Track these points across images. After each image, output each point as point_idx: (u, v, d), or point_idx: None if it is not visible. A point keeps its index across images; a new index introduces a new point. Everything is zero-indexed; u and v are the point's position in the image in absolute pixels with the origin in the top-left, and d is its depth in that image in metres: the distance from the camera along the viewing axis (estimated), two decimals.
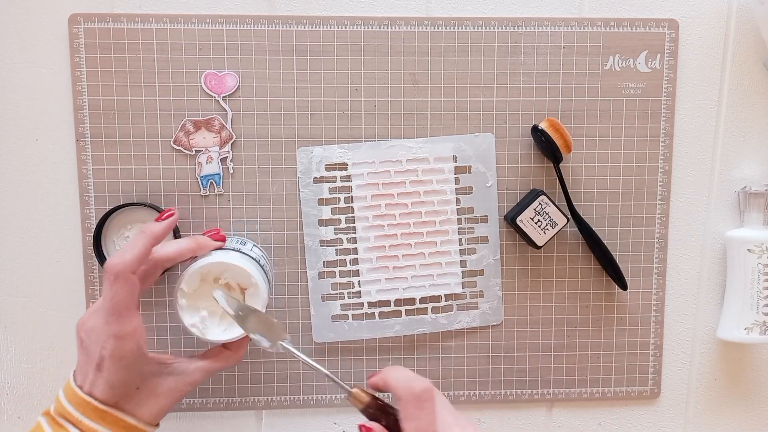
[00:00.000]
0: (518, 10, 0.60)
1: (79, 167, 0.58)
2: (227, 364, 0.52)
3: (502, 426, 0.63)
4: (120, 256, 0.45)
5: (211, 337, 0.50)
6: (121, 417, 0.46)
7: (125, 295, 0.45)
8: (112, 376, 0.45)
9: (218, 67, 0.58)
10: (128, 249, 0.45)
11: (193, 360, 0.51)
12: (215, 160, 0.59)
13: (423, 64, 0.59)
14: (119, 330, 0.45)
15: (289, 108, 0.59)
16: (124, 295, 0.45)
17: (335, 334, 0.61)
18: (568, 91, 0.60)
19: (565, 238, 0.61)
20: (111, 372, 0.45)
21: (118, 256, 0.45)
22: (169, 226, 0.49)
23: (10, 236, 0.59)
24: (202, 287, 0.51)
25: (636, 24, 0.60)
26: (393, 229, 0.60)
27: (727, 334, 0.61)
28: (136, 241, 0.46)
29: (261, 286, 0.50)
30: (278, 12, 0.58)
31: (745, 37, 0.61)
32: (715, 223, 0.63)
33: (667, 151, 0.61)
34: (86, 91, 0.57)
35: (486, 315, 0.61)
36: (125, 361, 0.45)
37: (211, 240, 0.52)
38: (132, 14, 0.57)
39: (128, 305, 0.45)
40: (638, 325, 0.63)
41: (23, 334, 0.60)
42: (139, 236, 0.47)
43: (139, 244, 0.46)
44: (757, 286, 0.60)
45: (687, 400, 0.65)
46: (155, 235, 0.47)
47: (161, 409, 0.48)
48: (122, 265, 0.44)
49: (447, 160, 0.60)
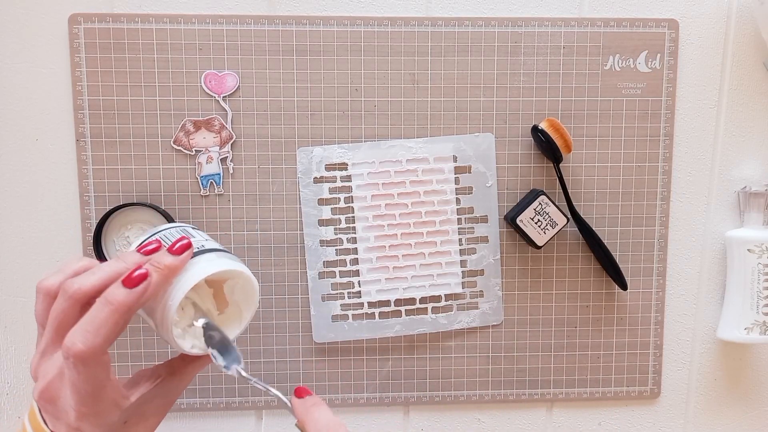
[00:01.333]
0: (518, 10, 0.60)
1: (79, 167, 0.58)
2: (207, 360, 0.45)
3: (502, 426, 0.63)
4: (84, 339, 0.36)
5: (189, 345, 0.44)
6: None
7: (99, 375, 0.37)
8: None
9: (218, 67, 0.58)
10: (96, 327, 0.37)
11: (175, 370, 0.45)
12: (215, 160, 0.59)
13: (423, 64, 0.59)
14: (96, 409, 0.38)
15: (289, 108, 0.59)
16: (97, 377, 0.37)
17: (335, 334, 0.61)
18: (568, 91, 0.60)
19: (565, 238, 0.61)
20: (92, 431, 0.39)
21: (82, 338, 0.36)
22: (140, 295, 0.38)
23: (10, 236, 0.59)
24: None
25: (636, 24, 0.60)
26: (393, 229, 0.60)
27: (727, 334, 0.61)
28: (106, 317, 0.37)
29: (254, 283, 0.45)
30: (278, 12, 0.58)
31: (745, 37, 0.61)
32: (715, 223, 0.63)
33: (667, 151, 0.61)
34: (86, 91, 0.57)
35: (486, 315, 0.61)
36: (107, 422, 0.39)
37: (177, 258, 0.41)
38: (132, 14, 0.57)
39: (104, 384, 0.38)
40: (638, 325, 0.63)
41: (23, 334, 0.60)
42: (108, 312, 0.37)
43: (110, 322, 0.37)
44: (757, 286, 0.60)
45: (687, 400, 0.65)
46: (129, 308, 0.38)
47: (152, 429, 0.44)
48: (91, 349, 0.36)
49: (447, 160, 0.60)
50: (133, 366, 0.60)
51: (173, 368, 0.45)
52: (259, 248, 0.59)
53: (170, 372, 0.45)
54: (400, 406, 0.62)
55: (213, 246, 0.46)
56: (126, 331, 0.59)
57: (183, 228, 0.47)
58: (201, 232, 0.48)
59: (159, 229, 0.46)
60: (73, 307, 0.38)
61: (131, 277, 0.38)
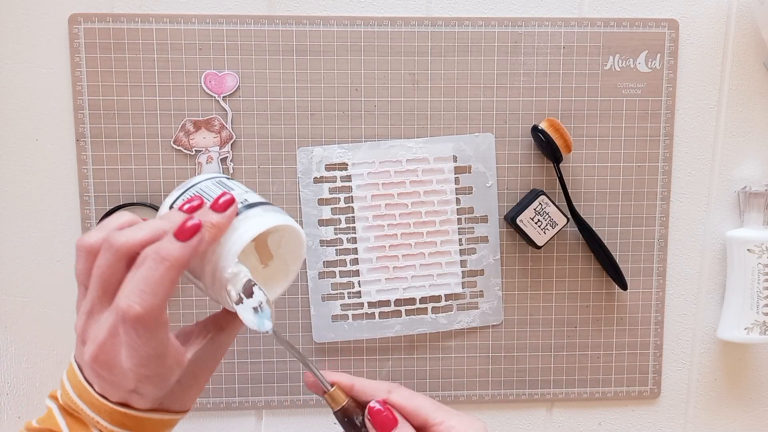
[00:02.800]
0: (518, 10, 0.60)
1: (79, 167, 0.58)
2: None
3: (502, 426, 0.63)
4: (143, 301, 0.33)
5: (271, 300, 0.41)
6: (165, 418, 0.39)
7: (161, 338, 0.35)
8: (153, 394, 0.37)
9: (218, 67, 0.58)
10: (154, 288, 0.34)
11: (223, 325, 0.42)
12: (215, 160, 0.59)
13: (423, 64, 0.59)
14: (161, 371, 0.36)
15: (289, 108, 0.59)
16: (159, 340, 0.35)
17: (335, 334, 0.61)
18: (568, 91, 0.60)
19: (565, 238, 0.61)
20: (150, 392, 0.37)
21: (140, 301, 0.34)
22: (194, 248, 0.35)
23: (10, 236, 0.59)
24: None
25: (636, 24, 0.60)
26: (393, 229, 0.60)
27: (727, 334, 0.61)
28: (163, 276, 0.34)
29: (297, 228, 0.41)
30: (278, 12, 0.58)
31: (745, 37, 0.61)
32: (715, 223, 0.63)
33: (667, 151, 0.61)
34: (86, 91, 0.57)
35: (486, 315, 0.61)
36: (169, 382, 0.38)
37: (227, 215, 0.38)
38: (132, 14, 0.57)
39: (166, 344, 0.36)
40: (638, 325, 0.63)
41: (23, 334, 0.60)
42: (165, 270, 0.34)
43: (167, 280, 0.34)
44: (757, 286, 0.60)
45: (687, 400, 0.65)
46: (183, 263, 0.35)
47: (199, 392, 0.42)
48: (152, 312, 0.34)
49: (447, 160, 0.60)
50: None
51: (221, 323, 0.42)
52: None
53: (219, 328, 0.42)
54: None
55: (256, 199, 0.41)
56: None
57: (220, 180, 0.42)
58: (237, 182, 0.43)
59: (194, 182, 0.42)
60: (119, 261, 0.35)
61: (184, 228, 0.35)
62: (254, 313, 0.39)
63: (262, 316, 0.39)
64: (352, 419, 0.41)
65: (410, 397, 0.41)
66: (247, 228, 0.38)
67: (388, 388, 0.42)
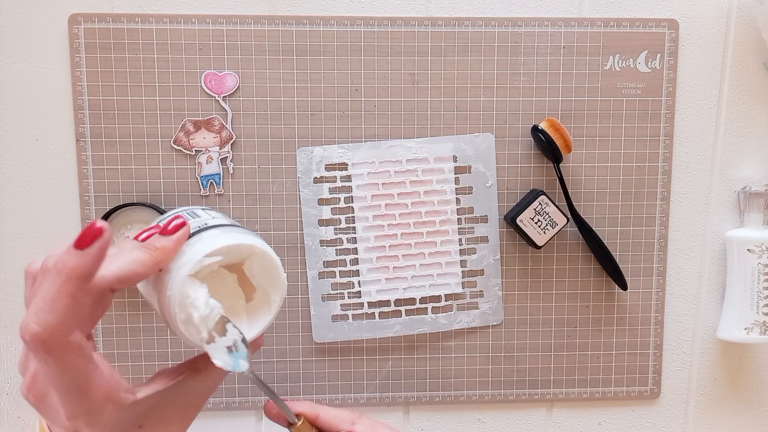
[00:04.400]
0: (518, 10, 0.60)
1: (79, 167, 0.58)
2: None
3: (502, 426, 0.63)
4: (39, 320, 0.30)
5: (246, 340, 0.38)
6: None
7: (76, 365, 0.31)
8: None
9: (218, 67, 0.58)
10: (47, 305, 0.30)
11: (199, 368, 0.38)
12: (215, 160, 0.59)
13: (423, 64, 0.59)
14: (89, 406, 0.32)
15: (289, 108, 0.59)
16: (74, 367, 0.31)
17: (335, 334, 0.61)
18: (568, 91, 0.60)
19: (565, 238, 0.61)
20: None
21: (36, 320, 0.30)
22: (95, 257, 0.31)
23: (10, 236, 0.59)
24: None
25: (636, 24, 0.60)
26: (393, 229, 0.60)
27: (727, 334, 0.61)
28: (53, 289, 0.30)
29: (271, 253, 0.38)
30: (278, 12, 0.58)
31: (745, 37, 0.61)
32: (715, 223, 0.63)
33: (667, 151, 0.61)
34: (86, 91, 0.57)
35: (486, 315, 0.61)
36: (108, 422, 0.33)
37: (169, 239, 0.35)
38: (132, 14, 0.57)
39: (87, 373, 0.32)
40: (638, 325, 0.63)
41: None
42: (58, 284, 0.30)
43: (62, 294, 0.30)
44: (757, 286, 0.60)
45: (687, 400, 0.65)
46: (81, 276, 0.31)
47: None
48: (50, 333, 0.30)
49: (447, 160, 0.60)
50: (133, 366, 0.60)
51: (197, 366, 0.38)
52: None
53: (194, 369, 0.38)
54: (400, 406, 0.62)
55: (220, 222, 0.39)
56: (126, 330, 0.59)
57: (191, 210, 0.40)
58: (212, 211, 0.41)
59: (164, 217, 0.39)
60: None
61: (82, 236, 0.31)
62: (228, 353, 0.36)
63: (237, 356, 0.36)
64: None
65: (372, 428, 0.41)
66: (194, 251, 0.35)
67: (352, 419, 0.42)
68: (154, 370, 0.60)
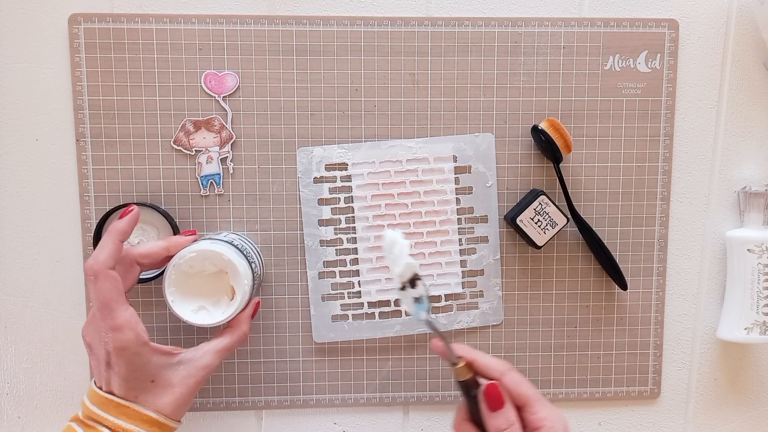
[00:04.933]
0: (518, 10, 0.60)
1: (79, 167, 0.58)
2: (234, 341, 0.53)
3: None
4: (94, 257, 0.48)
5: (210, 321, 0.51)
6: (141, 411, 0.47)
7: (109, 289, 0.47)
8: (122, 370, 0.47)
9: (218, 67, 0.58)
10: (100, 249, 0.48)
11: (200, 346, 0.52)
12: (215, 160, 0.59)
13: (423, 64, 0.59)
14: (113, 323, 0.47)
15: (289, 108, 0.59)
16: (108, 289, 0.47)
17: (335, 334, 0.61)
18: (568, 91, 0.60)
19: (565, 238, 0.61)
20: (119, 365, 0.47)
21: (93, 258, 0.48)
22: (130, 221, 0.51)
23: (10, 236, 0.59)
24: (190, 281, 0.52)
25: (636, 24, 0.60)
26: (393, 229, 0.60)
27: (727, 334, 0.61)
28: (105, 240, 0.49)
29: (234, 262, 0.51)
30: (278, 12, 0.58)
31: (745, 37, 0.61)
32: (715, 223, 0.63)
33: (667, 151, 0.61)
34: (86, 91, 0.57)
35: (486, 315, 0.61)
36: (128, 352, 0.47)
37: (183, 237, 0.54)
38: (132, 14, 0.57)
39: (115, 298, 0.47)
40: (638, 325, 0.63)
41: (23, 334, 0.60)
42: (106, 236, 0.49)
43: (108, 242, 0.49)
44: (757, 286, 0.60)
45: (687, 400, 0.65)
46: (120, 232, 0.49)
47: (179, 401, 0.49)
48: (98, 264, 0.47)
49: (447, 160, 0.60)
50: None
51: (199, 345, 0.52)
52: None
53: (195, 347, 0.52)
54: (399, 406, 0.62)
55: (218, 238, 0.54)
56: None
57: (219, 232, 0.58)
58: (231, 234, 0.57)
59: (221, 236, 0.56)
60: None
61: (123, 212, 0.51)
62: (413, 302, 0.48)
63: (420, 307, 0.48)
64: (469, 391, 0.48)
65: (518, 384, 0.48)
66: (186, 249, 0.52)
67: (502, 371, 0.48)
68: None
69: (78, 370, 0.60)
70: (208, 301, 0.52)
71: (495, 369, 0.48)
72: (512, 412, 0.47)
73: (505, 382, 0.48)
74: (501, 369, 0.48)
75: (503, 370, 0.48)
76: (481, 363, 0.49)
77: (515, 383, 0.48)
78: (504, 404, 0.47)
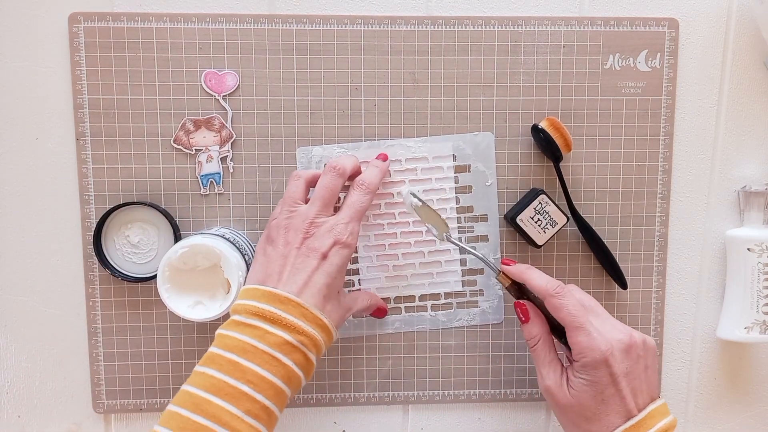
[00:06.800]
0: (518, 9, 0.60)
1: (79, 166, 0.58)
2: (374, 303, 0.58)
3: (502, 426, 0.63)
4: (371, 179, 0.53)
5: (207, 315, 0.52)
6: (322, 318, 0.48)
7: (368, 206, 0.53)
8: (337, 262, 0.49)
9: (218, 66, 0.58)
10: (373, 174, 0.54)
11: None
12: (215, 159, 0.59)
13: (423, 63, 0.59)
14: (356, 224, 0.51)
15: (289, 107, 0.59)
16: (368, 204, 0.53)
17: None
18: (568, 91, 0.60)
19: (565, 238, 0.61)
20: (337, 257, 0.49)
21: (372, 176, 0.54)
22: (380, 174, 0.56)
23: (10, 236, 0.59)
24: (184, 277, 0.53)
25: (636, 23, 0.60)
26: (392, 228, 0.60)
27: (727, 333, 0.61)
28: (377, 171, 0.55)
29: (227, 254, 0.51)
30: (278, 11, 0.59)
31: (745, 37, 0.61)
32: (715, 222, 0.63)
33: (667, 150, 0.61)
34: (86, 91, 0.57)
35: (486, 314, 0.61)
36: (351, 250, 0.50)
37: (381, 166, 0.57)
38: (132, 13, 0.57)
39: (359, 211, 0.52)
40: (638, 324, 0.63)
41: (23, 333, 0.60)
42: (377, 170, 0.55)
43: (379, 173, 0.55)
44: (757, 286, 0.60)
45: (687, 399, 0.65)
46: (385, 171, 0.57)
47: (341, 321, 0.51)
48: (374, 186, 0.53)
49: (446, 159, 0.60)
50: (133, 366, 0.60)
51: None
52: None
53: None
54: (399, 404, 0.62)
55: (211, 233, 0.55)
56: (126, 330, 0.59)
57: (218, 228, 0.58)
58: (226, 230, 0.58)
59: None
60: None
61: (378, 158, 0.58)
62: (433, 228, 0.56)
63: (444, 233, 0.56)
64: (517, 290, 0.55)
65: (557, 310, 0.50)
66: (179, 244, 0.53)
67: (544, 296, 0.51)
68: (154, 369, 0.60)
69: (78, 369, 0.60)
70: (204, 295, 0.53)
71: (539, 293, 0.52)
72: (537, 329, 0.52)
73: (546, 306, 0.52)
74: (543, 294, 0.51)
75: (545, 295, 0.51)
76: (531, 286, 0.53)
77: (554, 310, 0.51)
78: (528, 320, 0.53)
